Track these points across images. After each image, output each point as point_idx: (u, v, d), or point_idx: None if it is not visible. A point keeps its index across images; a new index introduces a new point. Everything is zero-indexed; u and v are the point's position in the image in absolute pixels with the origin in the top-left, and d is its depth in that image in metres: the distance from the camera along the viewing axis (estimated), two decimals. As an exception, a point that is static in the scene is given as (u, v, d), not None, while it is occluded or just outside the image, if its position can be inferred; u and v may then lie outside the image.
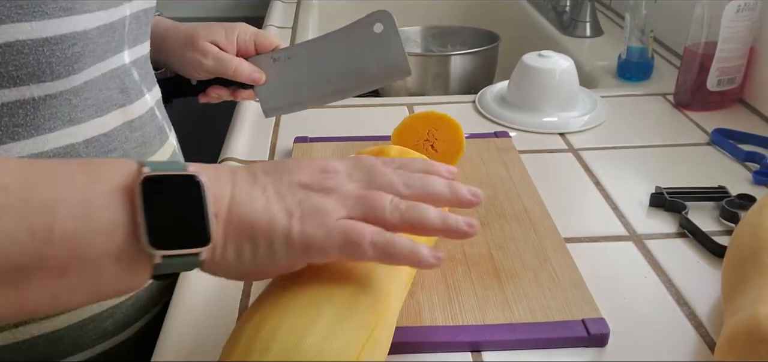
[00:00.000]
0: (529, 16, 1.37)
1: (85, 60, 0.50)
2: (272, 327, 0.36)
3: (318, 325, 0.36)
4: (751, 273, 0.44)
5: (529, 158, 0.74)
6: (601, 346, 0.48)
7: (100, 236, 0.33)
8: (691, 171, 0.72)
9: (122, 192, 0.34)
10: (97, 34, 0.50)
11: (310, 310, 0.37)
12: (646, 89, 0.94)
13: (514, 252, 0.56)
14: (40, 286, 0.33)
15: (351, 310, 0.38)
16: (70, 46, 0.47)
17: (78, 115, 0.51)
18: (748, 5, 0.80)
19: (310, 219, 0.37)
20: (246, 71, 0.68)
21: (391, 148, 0.54)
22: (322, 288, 0.39)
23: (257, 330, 0.36)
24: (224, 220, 0.37)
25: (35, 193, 0.32)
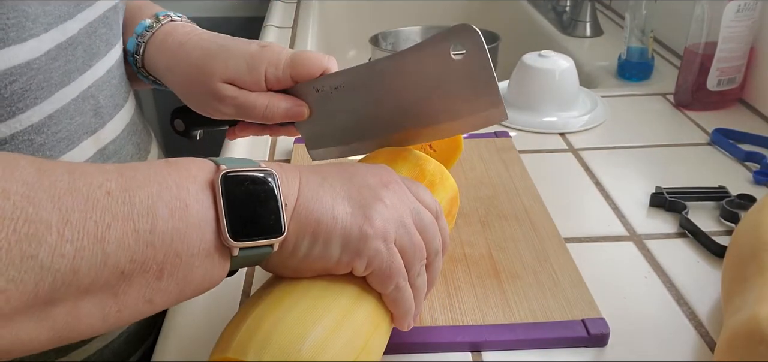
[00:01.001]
0: (529, 16, 1.37)
1: (33, 93, 0.43)
2: (271, 326, 0.36)
3: (317, 329, 0.36)
4: (752, 273, 0.44)
5: (529, 158, 0.74)
6: (601, 346, 0.48)
7: (194, 232, 0.33)
8: (691, 171, 0.72)
9: (206, 185, 0.35)
10: (47, 60, 0.44)
11: (311, 313, 0.37)
12: (646, 89, 0.94)
13: (514, 252, 0.56)
14: (139, 291, 0.32)
15: (350, 317, 0.38)
16: (6, 85, 0.41)
17: (45, 153, 0.45)
18: (748, 5, 0.80)
19: (374, 230, 0.39)
20: (278, 112, 0.52)
21: (410, 152, 0.53)
22: (324, 291, 0.39)
23: (256, 327, 0.36)
24: (291, 214, 0.38)
25: (136, 195, 0.32)
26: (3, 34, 0.40)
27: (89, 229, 0.29)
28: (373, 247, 0.39)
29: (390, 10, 1.50)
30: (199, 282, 0.35)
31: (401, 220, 0.41)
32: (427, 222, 0.43)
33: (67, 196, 0.29)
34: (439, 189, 0.51)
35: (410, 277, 0.41)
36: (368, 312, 0.40)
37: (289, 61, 0.51)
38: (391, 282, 0.40)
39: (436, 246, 0.43)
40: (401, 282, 0.41)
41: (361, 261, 0.39)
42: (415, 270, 0.42)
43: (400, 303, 0.41)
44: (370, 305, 0.40)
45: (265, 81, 0.52)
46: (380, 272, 0.40)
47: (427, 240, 0.42)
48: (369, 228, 0.39)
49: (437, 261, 0.44)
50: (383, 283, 0.40)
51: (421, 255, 0.42)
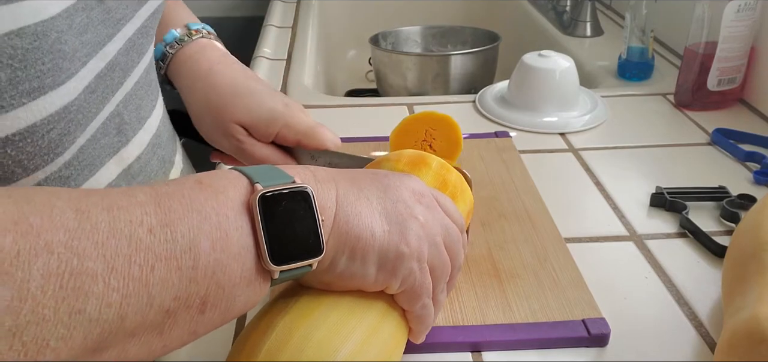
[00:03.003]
0: (529, 16, 1.37)
1: (72, 135, 0.40)
2: (302, 338, 0.36)
3: (349, 344, 0.36)
4: (752, 273, 0.44)
5: (529, 158, 0.74)
6: (601, 346, 0.48)
7: (235, 262, 0.32)
8: (692, 171, 0.72)
9: (244, 209, 0.33)
10: (86, 94, 0.40)
11: (342, 327, 0.37)
12: (646, 89, 0.94)
13: (515, 252, 0.56)
14: (183, 326, 0.31)
15: (378, 332, 0.38)
16: (44, 134, 0.37)
17: (71, 184, 0.42)
18: (748, 5, 0.80)
19: (410, 250, 0.38)
20: None
21: (432, 159, 0.52)
22: (353, 305, 0.39)
23: (287, 337, 0.36)
24: (329, 229, 0.36)
25: (177, 229, 0.30)
26: (38, 83, 0.35)
27: (134, 274, 0.28)
28: (408, 268, 0.38)
29: (390, 10, 1.50)
30: (241, 309, 0.34)
31: (434, 240, 0.40)
32: (455, 239, 0.42)
33: (110, 240, 0.28)
34: (460, 202, 0.50)
35: (434, 293, 0.41)
36: (393, 327, 0.40)
37: (305, 131, 0.55)
38: (419, 301, 0.40)
39: (460, 263, 0.43)
40: (427, 301, 0.40)
41: (396, 281, 0.38)
42: (440, 288, 0.41)
43: (423, 319, 0.41)
44: (395, 321, 0.40)
45: (275, 136, 0.55)
46: (411, 291, 0.39)
47: (452, 257, 0.42)
48: (405, 248, 0.38)
49: (456, 276, 0.44)
50: (411, 302, 0.40)
51: (447, 272, 0.41)
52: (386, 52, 1.18)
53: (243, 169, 0.35)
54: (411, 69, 1.13)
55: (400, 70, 1.14)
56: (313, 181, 0.37)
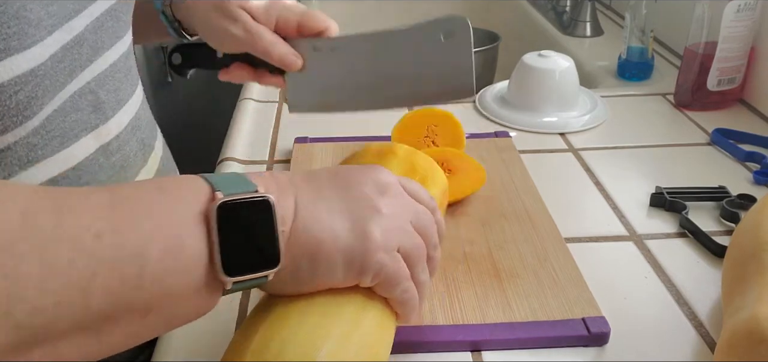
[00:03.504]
0: (529, 16, 1.37)
1: (40, 100, 0.41)
2: (281, 343, 0.35)
3: (329, 342, 0.36)
4: (752, 273, 0.44)
5: (529, 158, 0.74)
6: (601, 345, 0.48)
7: (185, 270, 0.32)
8: (692, 171, 0.72)
9: (201, 218, 0.33)
10: (53, 64, 0.42)
11: (321, 326, 0.37)
12: (646, 89, 0.94)
13: (515, 251, 0.56)
14: (123, 329, 0.31)
15: (359, 324, 0.38)
16: (11, 95, 0.39)
17: (38, 153, 0.44)
18: (748, 5, 0.80)
19: (376, 244, 0.38)
20: (278, 52, 0.58)
21: (400, 147, 0.53)
22: (329, 301, 0.38)
23: (266, 344, 0.36)
24: (287, 239, 0.36)
25: (126, 237, 0.30)
26: (4, 45, 0.37)
27: (72, 279, 0.27)
28: (377, 261, 0.38)
29: (390, 10, 1.50)
30: (187, 316, 0.34)
31: (402, 227, 0.40)
32: (426, 222, 0.42)
33: (51, 245, 0.27)
34: (431, 184, 0.51)
35: (414, 275, 0.41)
36: (375, 316, 0.40)
37: (301, 15, 0.59)
38: (397, 287, 0.40)
39: (435, 242, 0.43)
40: (406, 284, 0.40)
41: (367, 276, 0.38)
42: (419, 269, 0.41)
43: (407, 303, 0.41)
44: (376, 309, 0.40)
45: (275, 22, 0.58)
46: (386, 281, 0.39)
47: (426, 238, 0.42)
48: (371, 244, 0.38)
49: (436, 254, 0.44)
50: (389, 290, 0.40)
51: (423, 254, 0.42)
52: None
53: (207, 176, 0.35)
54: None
55: (400, 70, 1.14)
56: (275, 190, 0.36)
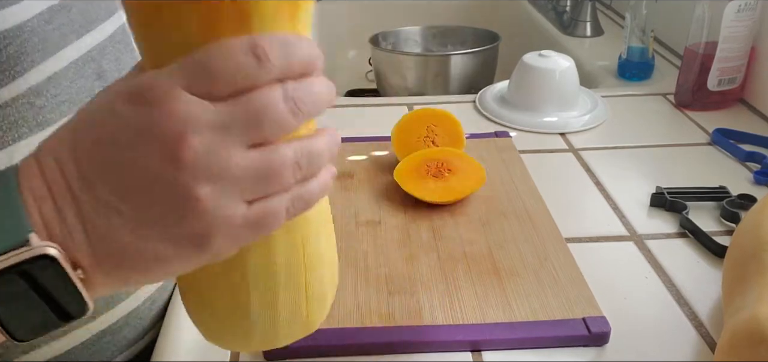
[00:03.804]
0: (529, 16, 1.37)
1: (29, 56, 0.43)
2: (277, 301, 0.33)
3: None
4: (752, 273, 0.44)
5: (529, 158, 0.74)
6: (601, 345, 0.48)
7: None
8: (692, 171, 0.72)
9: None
10: (40, 23, 0.44)
11: (264, 274, 0.33)
12: (646, 89, 0.94)
13: (515, 251, 0.56)
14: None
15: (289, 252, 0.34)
16: (1, 49, 0.42)
17: (46, 116, 0.45)
18: (748, 5, 0.80)
19: (204, 222, 0.28)
20: None
21: None
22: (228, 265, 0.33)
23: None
24: (91, 280, 0.30)
25: None
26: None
27: None
28: (216, 247, 0.29)
29: (390, 10, 1.50)
30: None
31: (221, 169, 0.27)
32: (266, 113, 0.28)
33: None
34: (267, 23, 0.29)
35: (286, 189, 0.30)
36: (288, 234, 0.33)
37: None
38: (265, 228, 0.30)
39: (284, 125, 0.29)
40: (297, 202, 0.31)
41: (211, 247, 0.29)
42: (286, 185, 0.30)
43: (313, 202, 0.32)
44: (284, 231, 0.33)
45: None
46: (247, 229, 0.29)
47: (279, 128, 0.29)
48: (196, 223, 0.28)
49: (316, 143, 0.31)
50: (258, 231, 0.30)
51: (279, 169, 0.29)
52: (386, 52, 1.18)
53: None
54: (411, 69, 1.13)
55: (400, 70, 1.14)
56: (51, 215, 0.29)
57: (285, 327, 0.35)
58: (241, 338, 0.35)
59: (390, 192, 0.66)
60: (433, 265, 0.55)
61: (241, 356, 0.48)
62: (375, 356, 0.47)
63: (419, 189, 0.62)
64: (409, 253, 0.56)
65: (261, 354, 0.48)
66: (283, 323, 0.34)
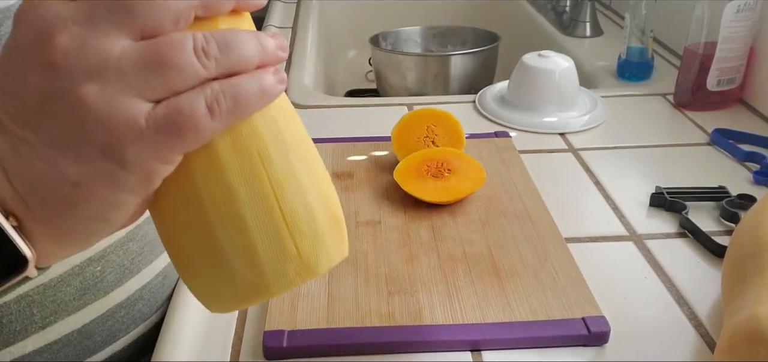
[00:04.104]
0: (529, 16, 1.37)
1: None
2: None
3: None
4: (751, 273, 0.44)
5: (529, 158, 0.74)
6: (601, 345, 0.48)
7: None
8: (691, 171, 0.72)
9: None
10: None
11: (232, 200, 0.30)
12: (646, 89, 0.94)
13: (515, 251, 0.56)
14: None
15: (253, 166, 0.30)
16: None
17: None
18: (748, 5, 0.80)
19: (113, 148, 0.27)
20: None
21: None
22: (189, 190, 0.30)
23: None
24: (28, 224, 0.29)
25: None
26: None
27: None
28: (111, 134, 0.27)
29: (390, 10, 1.50)
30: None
31: (99, 62, 0.26)
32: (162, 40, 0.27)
33: None
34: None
35: (196, 84, 0.27)
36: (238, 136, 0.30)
37: None
38: (183, 130, 0.27)
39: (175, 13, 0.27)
40: (222, 102, 0.28)
41: (126, 158, 0.27)
42: (190, 76, 0.27)
43: (247, 104, 0.29)
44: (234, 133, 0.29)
45: None
46: (180, 148, 0.28)
47: (158, 13, 0.27)
48: (94, 130, 0.26)
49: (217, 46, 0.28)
50: (176, 135, 0.27)
51: (171, 55, 0.27)
52: (386, 53, 1.18)
53: None
54: (411, 69, 1.13)
55: (400, 71, 1.14)
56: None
57: (272, 266, 0.30)
58: (226, 285, 0.30)
59: (390, 192, 0.66)
60: (433, 265, 0.55)
61: (241, 356, 0.48)
62: (375, 356, 0.47)
63: (419, 190, 0.62)
64: (409, 253, 0.56)
65: (261, 353, 0.48)
66: (266, 260, 0.30)
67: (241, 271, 0.30)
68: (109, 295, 0.52)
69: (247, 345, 0.49)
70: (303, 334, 0.48)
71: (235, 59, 0.28)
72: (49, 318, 0.49)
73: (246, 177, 0.29)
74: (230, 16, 0.30)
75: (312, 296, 0.51)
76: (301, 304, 0.50)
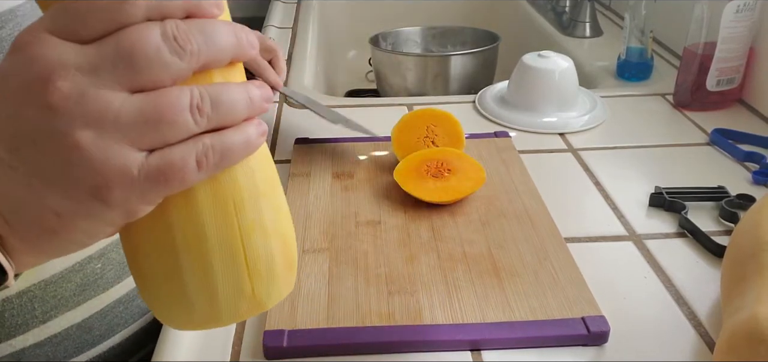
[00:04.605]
0: (529, 16, 1.37)
1: None
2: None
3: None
4: (751, 273, 0.44)
5: (528, 158, 0.74)
6: (601, 344, 0.48)
7: None
8: (691, 171, 0.72)
9: None
10: (32, 6, 0.44)
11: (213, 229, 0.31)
12: (645, 89, 0.94)
13: (514, 250, 0.57)
14: None
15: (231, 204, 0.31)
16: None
17: None
18: (747, 5, 0.80)
19: (103, 191, 0.27)
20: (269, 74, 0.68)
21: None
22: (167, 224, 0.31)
23: None
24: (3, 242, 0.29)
25: None
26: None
27: None
28: (101, 178, 0.27)
29: (390, 10, 1.50)
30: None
31: (97, 112, 0.26)
32: (128, 38, 0.27)
33: None
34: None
35: (188, 138, 0.28)
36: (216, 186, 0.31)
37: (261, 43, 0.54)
38: (171, 181, 0.28)
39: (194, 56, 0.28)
40: (210, 156, 0.29)
41: (112, 201, 0.28)
42: (183, 131, 0.28)
43: (234, 155, 0.30)
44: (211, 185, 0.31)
45: None
46: (166, 192, 0.29)
47: (157, 68, 0.27)
48: (85, 172, 0.27)
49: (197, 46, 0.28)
50: (164, 184, 0.28)
51: (167, 111, 0.27)
52: (386, 53, 1.18)
53: None
54: (411, 69, 1.13)
55: (400, 71, 1.14)
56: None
57: (227, 303, 0.32)
58: (183, 313, 0.32)
59: (390, 192, 0.66)
60: (433, 265, 0.55)
61: (241, 356, 0.48)
62: (375, 356, 0.47)
63: (419, 190, 0.63)
64: (409, 253, 0.57)
65: (261, 353, 0.48)
66: (223, 297, 0.31)
67: (199, 304, 0.31)
68: (108, 291, 0.53)
69: (247, 345, 0.49)
70: (303, 334, 0.48)
71: (225, 115, 0.29)
72: (50, 312, 0.50)
73: (219, 224, 0.31)
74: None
75: (312, 296, 0.51)
76: (302, 304, 0.51)
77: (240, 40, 0.29)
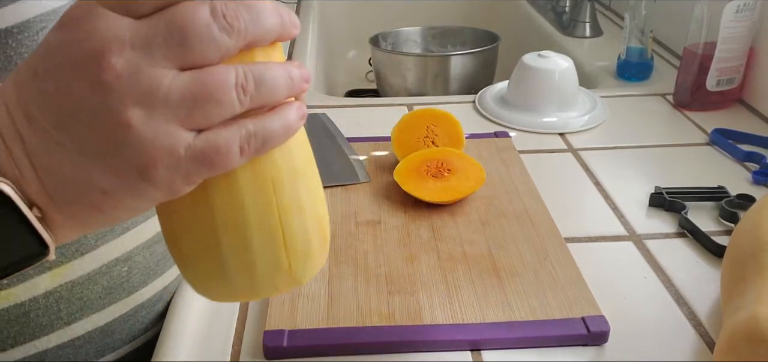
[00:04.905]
0: (529, 16, 1.37)
1: None
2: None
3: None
4: (751, 273, 0.44)
5: (528, 158, 0.74)
6: (601, 344, 0.48)
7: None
8: (691, 171, 0.72)
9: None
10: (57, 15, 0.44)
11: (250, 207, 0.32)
12: (645, 89, 0.94)
13: (514, 250, 0.57)
14: None
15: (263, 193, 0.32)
16: (38, 30, 0.41)
17: (24, 56, 0.42)
18: (747, 5, 0.80)
19: (151, 154, 0.27)
20: None
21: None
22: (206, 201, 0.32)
23: None
24: (49, 216, 0.29)
25: None
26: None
27: None
28: (149, 158, 0.27)
29: (390, 10, 1.50)
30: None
31: (149, 90, 0.26)
32: (192, 34, 0.27)
33: None
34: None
35: (233, 117, 0.29)
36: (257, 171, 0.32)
37: None
38: (216, 164, 0.28)
39: (215, 44, 0.27)
40: (252, 142, 0.29)
41: (156, 179, 0.28)
42: (229, 109, 0.28)
43: (274, 141, 0.30)
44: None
45: None
46: (210, 173, 0.29)
47: (207, 46, 0.27)
48: (133, 151, 0.27)
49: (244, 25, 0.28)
50: (209, 167, 0.28)
51: (215, 90, 0.28)
52: (386, 53, 1.18)
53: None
54: (411, 69, 1.13)
55: (400, 71, 1.14)
56: (6, 161, 0.28)
57: (265, 277, 0.33)
58: (222, 288, 0.33)
59: (390, 192, 0.66)
60: (433, 265, 0.55)
61: (241, 355, 0.48)
62: (375, 356, 0.47)
63: (419, 190, 0.63)
64: (409, 253, 0.57)
65: (261, 353, 0.48)
66: (261, 272, 0.32)
67: (237, 279, 0.32)
68: (132, 295, 0.53)
69: (247, 344, 0.49)
70: (303, 334, 0.48)
71: (267, 94, 0.29)
72: (75, 314, 0.50)
73: (258, 204, 0.31)
74: None
75: (312, 296, 0.52)
76: (302, 304, 0.51)
77: (284, 19, 0.30)
